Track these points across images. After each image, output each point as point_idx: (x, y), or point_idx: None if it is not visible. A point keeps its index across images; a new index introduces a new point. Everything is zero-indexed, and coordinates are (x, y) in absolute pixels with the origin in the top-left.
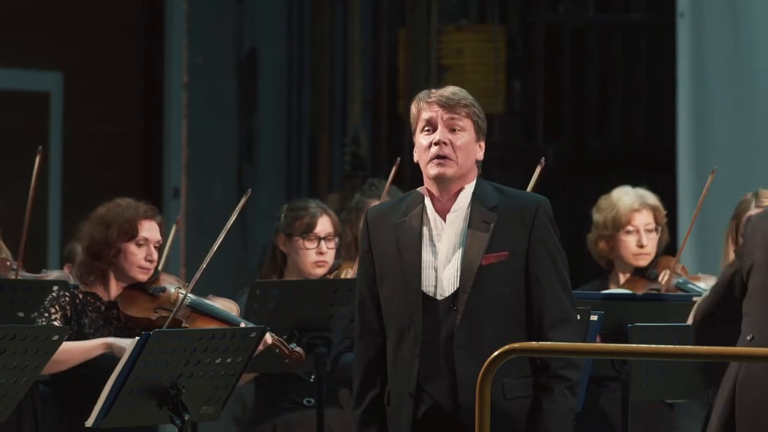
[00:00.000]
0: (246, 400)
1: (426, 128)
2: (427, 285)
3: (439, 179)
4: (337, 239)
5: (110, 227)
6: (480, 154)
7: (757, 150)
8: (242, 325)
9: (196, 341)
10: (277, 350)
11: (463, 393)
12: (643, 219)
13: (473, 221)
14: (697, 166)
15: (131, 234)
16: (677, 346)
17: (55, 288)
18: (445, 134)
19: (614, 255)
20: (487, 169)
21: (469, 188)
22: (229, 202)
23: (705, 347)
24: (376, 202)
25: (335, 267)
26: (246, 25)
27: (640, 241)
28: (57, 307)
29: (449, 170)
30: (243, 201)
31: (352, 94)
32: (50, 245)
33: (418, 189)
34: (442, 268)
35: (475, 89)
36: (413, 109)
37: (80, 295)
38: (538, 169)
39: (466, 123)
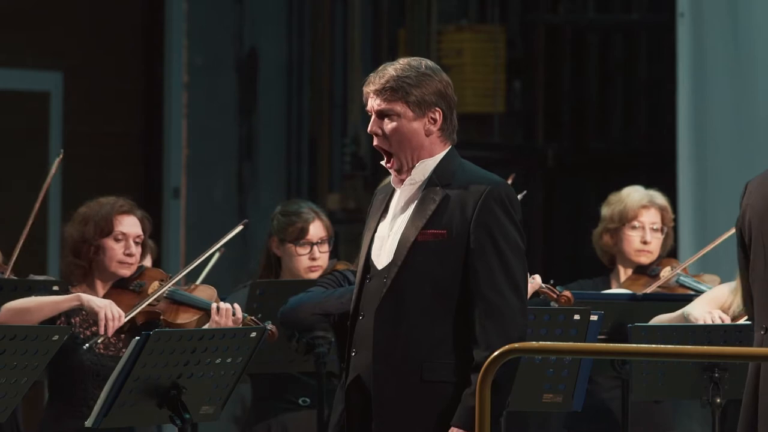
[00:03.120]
0: (246, 400)
1: (370, 115)
2: (372, 255)
3: (389, 171)
4: (330, 243)
5: (87, 224)
6: (433, 128)
7: (757, 150)
8: (212, 306)
9: (196, 341)
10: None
11: (377, 365)
12: (650, 217)
13: (423, 196)
14: (697, 166)
15: (107, 230)
16: (677, 346)
17: (55, 288)
18: (375, 125)
19: (617, 250)
20: (487, 169)
21: (432, 161)
22: (229, 202)
23: (705, 347)
24: None
25: (329, 269)
26: (246, 25)
27: (644, 237)
28: None
29: (395, 164)
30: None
31: (352, 94)
32: (49, 245)
33: None
34: (388, 238)
35: (475, 89)
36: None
37: None
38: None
39: (399, 106)
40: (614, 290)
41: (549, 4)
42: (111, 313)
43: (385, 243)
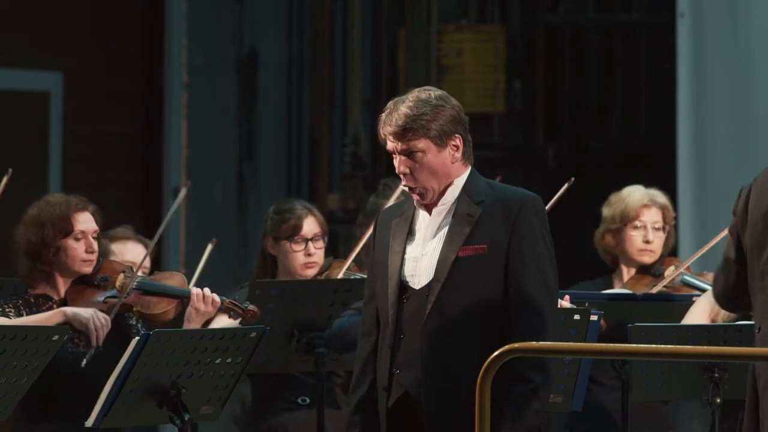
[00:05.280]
0: (246, 400)
1: (392, 154)
2: (406, 275)
3: (421, 207)
4: (325, 239)
5: (45, 227)
6: (456, 154)
7: (757, 150)
8: (192, 291)
9: (196, 341)
10: (231, 313)
11: (428, 383)
12: (652, 216)
13: (457, 214)
14: (697, 166)
15: (67, 230)
16: (677, 346)
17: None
18: (403, 165)
19: (619, 250)
20: (487, 169)
21: (459, 182)
22: (229, 202)
23: (705, 347)
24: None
25: (326, 267)
26: (246, 25)
27: (647, 237)
28: (12, 306)
29: (426, 198)
30: (182, 194)
31: (352, 94)
32: None
33: None
34: (423, 257)
35: (475, 89)
36: (379, 134)
37: (31, 299)
38: (565, 187)
39: (422, 143)
40: (614, 290)
41: (549, 4)
42: (99, 321)
43: (418, 263)
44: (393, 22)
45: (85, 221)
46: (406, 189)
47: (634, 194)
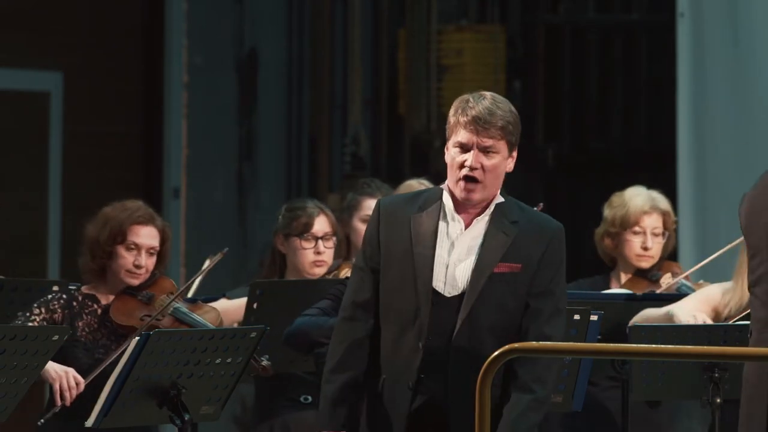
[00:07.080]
0: (246, 400)
1: (460, 146)
2: (437, 281)
3: (466, 201)
4: (335, 239)
5: (104, 228)
6: (511, 166)
7: (757, 150)
8: None
9: (196, 341)
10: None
11: (453, 392)
12: (652, 222)
13: (493, 229)
14: (697, 166)
15: (120, 238)
16: (677, 346)
17: (55, 288)
18: (477, 159)
19: (617, 253)
20: None
21: (495, 200)
22: (229, 202)
23: (705, 347)
24: (369, 200)
25: (335, 267)
26: (246, 25)
27: (645, 243)
28: (44, 308)
29: (477, 195)
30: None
31: (352, 94)
32: (50, 245)
33: (440, 186)
34: (454, 266)
35: (475, 89)
36: (452, 116)
37: (79, 297)
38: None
39: (500, 145)
40: (614, 290)
41: (549, 4)
42: (67, 383)
43: (449, 271)
44: (393, 22)
45: (143, 235)
46: (461, 185)
47: (636, 199)
